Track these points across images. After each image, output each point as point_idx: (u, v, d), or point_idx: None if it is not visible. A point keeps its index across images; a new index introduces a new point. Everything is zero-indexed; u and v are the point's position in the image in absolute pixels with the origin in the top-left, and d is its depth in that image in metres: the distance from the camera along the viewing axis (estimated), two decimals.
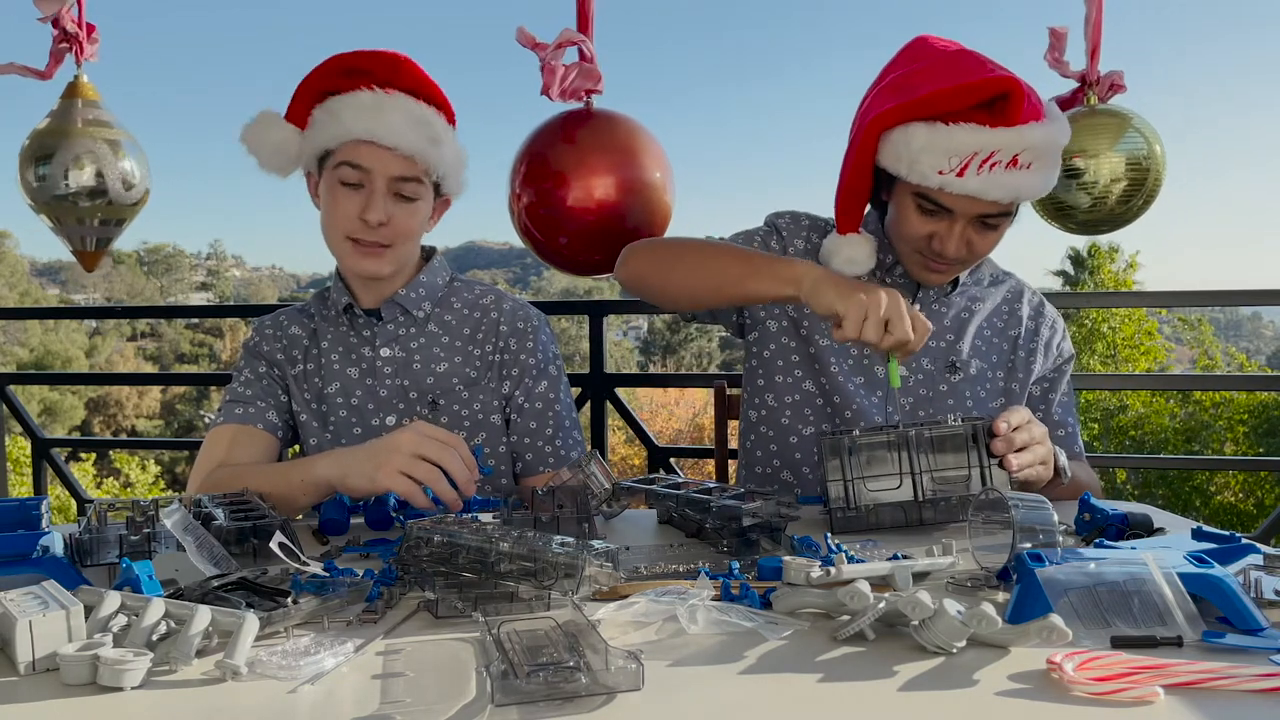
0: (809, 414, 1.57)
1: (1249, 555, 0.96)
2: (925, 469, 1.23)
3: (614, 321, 26.89)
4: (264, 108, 1.53)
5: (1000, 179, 1.36)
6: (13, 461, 10.74)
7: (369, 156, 1.45)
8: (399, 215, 1.48)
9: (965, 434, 1.24)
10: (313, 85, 1.51)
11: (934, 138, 1.37)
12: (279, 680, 0.73)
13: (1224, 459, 13.18)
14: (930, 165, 1.38)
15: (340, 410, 1.54)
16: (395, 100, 1.48)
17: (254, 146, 1.51)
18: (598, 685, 0.70)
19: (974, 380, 1.56)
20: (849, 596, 0.81)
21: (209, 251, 70.57)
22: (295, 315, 1.62)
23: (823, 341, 1.56)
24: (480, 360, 1.57)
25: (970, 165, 1.36)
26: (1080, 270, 23.87)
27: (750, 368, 1.64)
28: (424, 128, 1.47)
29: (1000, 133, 1.36)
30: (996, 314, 1.62)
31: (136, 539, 1.01)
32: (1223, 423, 15.03)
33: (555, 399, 1.58)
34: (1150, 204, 2.12)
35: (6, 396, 2.81)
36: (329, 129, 1.48)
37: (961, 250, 1.45)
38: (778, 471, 1.60)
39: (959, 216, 1.42)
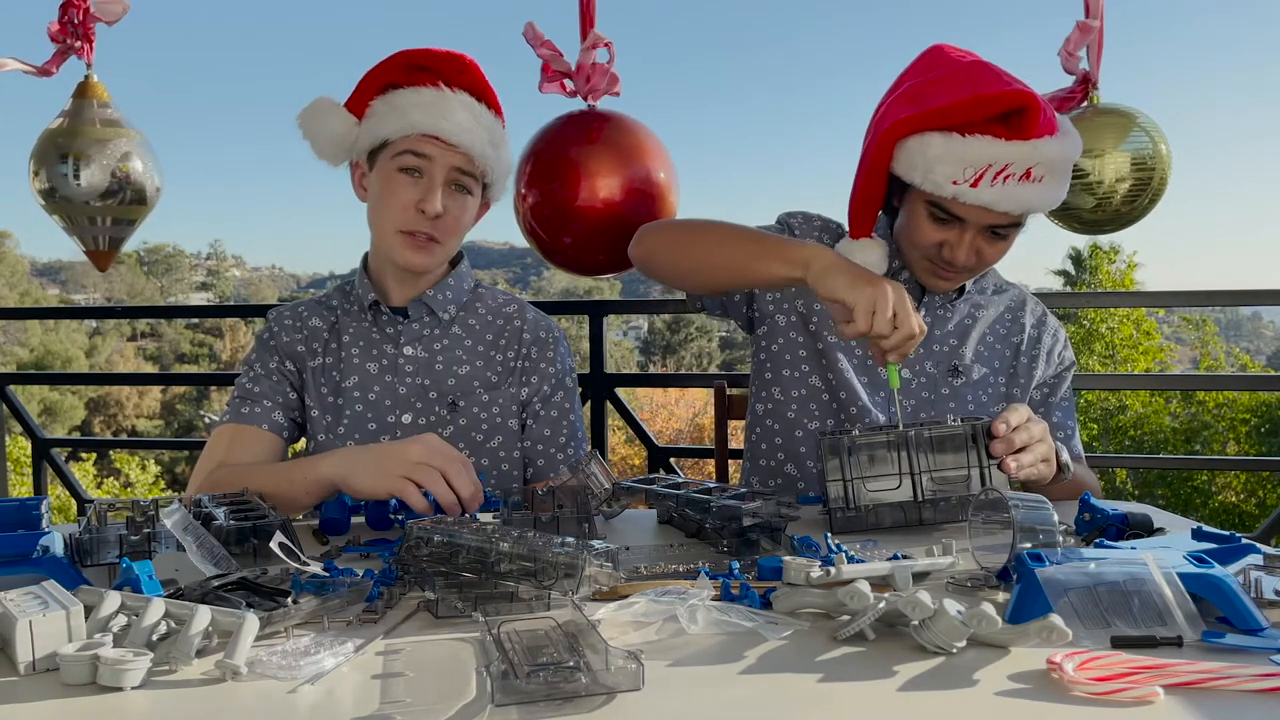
0: (815, 409, 1.58)
1: (1249, 555, 0.96)
2: (925, 469, 1.23)
3: (614, 321, 26.88)
4: (319, 95, 1.54)
5: (1013, 191, 1.38)
6: (13, 461, 10.74)
7: (431, 148, 1.47)
8: (453, 207, 1.50)
9: (965, 434, 1.24)
10: (376, 78, 1.52)
11: (950, 148, 1.38)
12: (279, 680, 0.73)
13: (1225, 459, 13.17)
14: (945, 175, 1.39)
15: (356, 405, 1.54)
16: (459, 99, 1.49)
17: (310, 132, 1.52)
18: (598, 685, 0.69)
19: (976, 385, 1.57)
20: (849, 596, 0.81)
21: (209, 251, 70.62)
22: (315, 307, 1.62)
23: (830, 338, 1.57)
24: (502, 366, 1.58)
25: (984, 177, 1.37)
26: (1080, 270, 23.87)
27: (759, 362, 1.65)
28: (485, 129, 1.50)
29: (1015, 146, 1.37)
30: (1000, 321, 1.63)
31: (136, 539, 1.01)
32: (1224, 423, 15.03)
33: (570, 409, 1.60)
34: (1156, 203, 2.12)
35: (6, 396, 2.81)
36: (390, 121, 1.48)
37: (971, 259, 1.46)
38: (782, 465, 1.60)
39: (970, 226, 1.43)
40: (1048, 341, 1.62)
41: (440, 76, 1.50)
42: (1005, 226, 1.44)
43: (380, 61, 1.53)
